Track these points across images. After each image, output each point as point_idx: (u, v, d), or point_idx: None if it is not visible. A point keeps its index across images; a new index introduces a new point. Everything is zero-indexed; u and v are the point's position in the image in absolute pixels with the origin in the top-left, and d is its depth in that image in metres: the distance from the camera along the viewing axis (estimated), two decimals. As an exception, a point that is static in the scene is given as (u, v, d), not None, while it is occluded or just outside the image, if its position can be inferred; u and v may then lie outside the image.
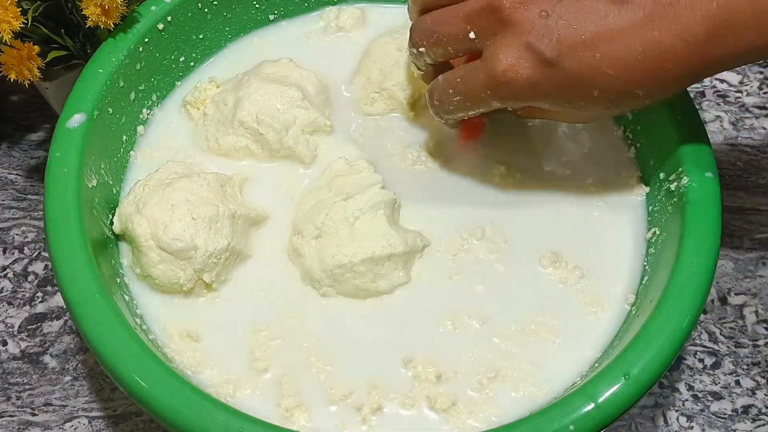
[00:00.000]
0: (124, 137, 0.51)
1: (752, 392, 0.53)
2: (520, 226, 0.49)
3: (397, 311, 0.46)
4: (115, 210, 0.47)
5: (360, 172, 0.49)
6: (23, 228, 0.58)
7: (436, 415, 0.42)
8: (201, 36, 0.55)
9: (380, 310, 0.46)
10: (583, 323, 0.45)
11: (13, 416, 0.50)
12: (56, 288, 0.54)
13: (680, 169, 0.46)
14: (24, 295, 0.55)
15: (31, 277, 0.56)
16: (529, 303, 0.46)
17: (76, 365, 0.52)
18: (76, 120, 0.46)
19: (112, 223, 0.47)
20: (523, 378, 0.43)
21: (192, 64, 0.56)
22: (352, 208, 0.46)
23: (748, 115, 0.66)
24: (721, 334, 0.54)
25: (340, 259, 0.44)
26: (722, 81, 0.68)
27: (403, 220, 0.49)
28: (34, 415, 0.50)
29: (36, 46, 0.48)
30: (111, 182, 0.49)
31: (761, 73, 0.69)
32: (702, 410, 0.52)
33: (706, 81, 0.68)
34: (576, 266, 0.47)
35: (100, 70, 0.48)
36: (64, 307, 0.43)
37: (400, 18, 0.58)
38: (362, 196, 0.46)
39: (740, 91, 0.68)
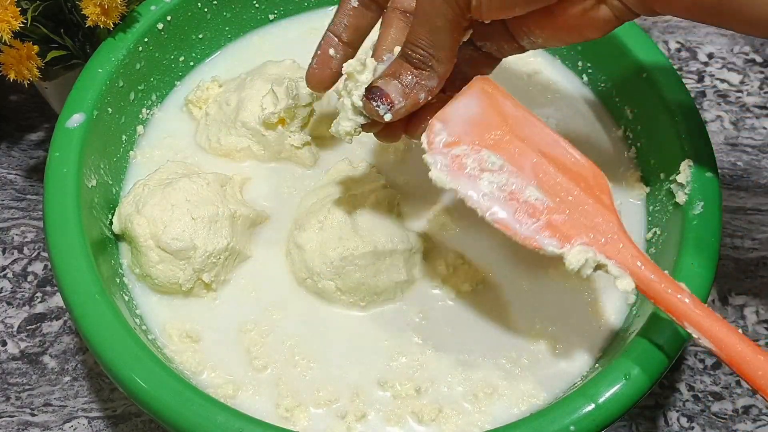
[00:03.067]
0: (124, 137, 0.51)
1: (753, 392, 0.52)
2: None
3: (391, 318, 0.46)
4: (114, 210, 0.47)
5: (363, 173, 0.49)
6: (23, 228, 0.58)
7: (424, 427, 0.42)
8: (201, 36, 0.55)
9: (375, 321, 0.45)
10: (583, 325, 0.45)
11: (12, 416, 0.50)
12: (56, 288, 0.54)
13: (681, 169, 0.46)
14: (23, 296, 0.55)
15: (30, 278, 0.55)
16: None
17: (76, 365, 0.52)
18: (76, 120, 0.46)
19: (111, 223, 0.47)
20: (517, 386, 0.43)
21: (192, 63, 0.56)
22: (356, 204, 0.46)
23: (748, 115, 0.66)
24: (721, 334, 0.54)
25: (341, 251, 0.44)
26: (723, 81, 0.68)
27: (404, 221, 0.49)
28: (33, 415, 0.50)
29: (35, 46, 0.48)
30: (111, 182, 0.49)
31: (762, 72, 0.69)
32: (702, 410, 0.52)
33: (707, 81, 0.68)
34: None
35: (100, 70, 0.48)
36: (64, 307, 0.43)
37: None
38: (365, 194, 0.46)
39: (741, 91, 0.68)
